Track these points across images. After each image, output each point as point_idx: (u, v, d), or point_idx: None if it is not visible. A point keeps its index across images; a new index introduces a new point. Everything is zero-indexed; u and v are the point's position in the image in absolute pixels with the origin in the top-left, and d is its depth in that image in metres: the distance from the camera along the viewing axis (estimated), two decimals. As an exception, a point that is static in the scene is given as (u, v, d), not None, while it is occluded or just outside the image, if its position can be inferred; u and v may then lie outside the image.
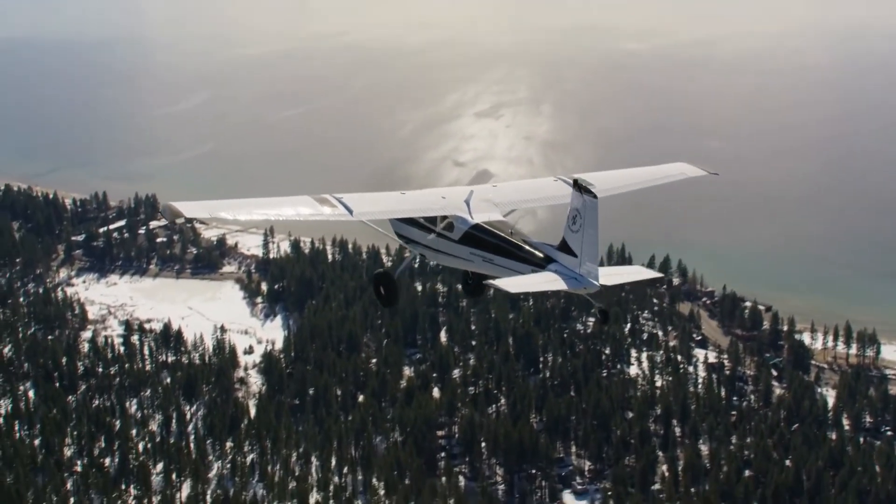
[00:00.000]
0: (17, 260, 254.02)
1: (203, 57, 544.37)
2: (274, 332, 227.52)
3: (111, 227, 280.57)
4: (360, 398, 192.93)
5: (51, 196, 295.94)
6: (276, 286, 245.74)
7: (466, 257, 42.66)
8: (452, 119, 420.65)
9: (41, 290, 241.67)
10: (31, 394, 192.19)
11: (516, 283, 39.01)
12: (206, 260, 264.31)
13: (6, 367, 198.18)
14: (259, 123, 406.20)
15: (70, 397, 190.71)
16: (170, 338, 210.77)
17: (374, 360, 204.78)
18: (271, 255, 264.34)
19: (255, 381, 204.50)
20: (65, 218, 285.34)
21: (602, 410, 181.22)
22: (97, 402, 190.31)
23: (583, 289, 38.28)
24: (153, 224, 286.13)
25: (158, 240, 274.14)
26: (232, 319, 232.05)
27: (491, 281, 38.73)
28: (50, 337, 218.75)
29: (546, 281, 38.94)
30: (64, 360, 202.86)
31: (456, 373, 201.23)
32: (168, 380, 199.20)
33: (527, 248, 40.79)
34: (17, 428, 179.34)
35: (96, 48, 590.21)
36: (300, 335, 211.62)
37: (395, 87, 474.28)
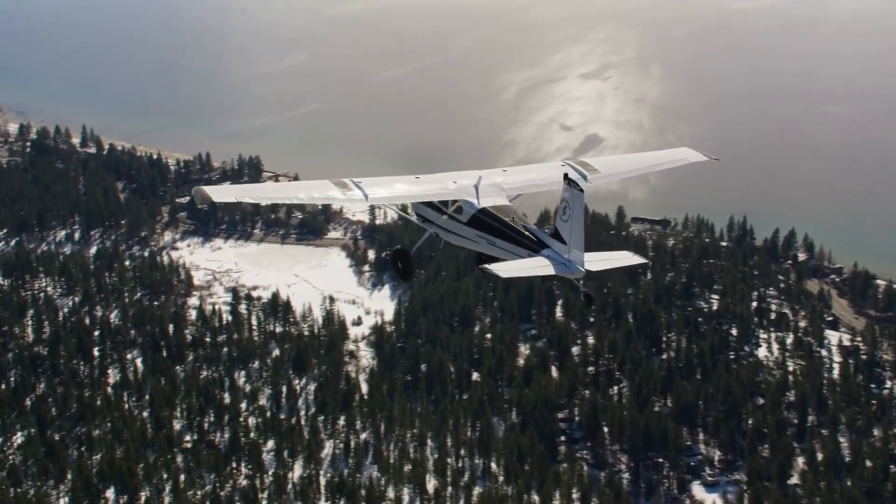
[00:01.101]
0: (122, 222, 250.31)
1: (303, 14, 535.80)
2: (382, 303, 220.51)
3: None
4: (475, 376, 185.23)
5: (154, 156, 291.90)
6: (383, 254, 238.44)
7: (473, 239, 44.81)
8: (558, 80, 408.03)
9: (146, 254, 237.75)
10: (138, 362, 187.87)
11: (508, 268, 41.41)
12: (312, 225, 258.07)
13: (114, 335, 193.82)
14: (363, 82, 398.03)
15: (178, 367, 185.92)
16: (278, 307, 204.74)
17: (488, 336, 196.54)
18: (378, 222, 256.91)
19: (365, 355, 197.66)
20: (168, 179, 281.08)
21: (733, 396, 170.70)
22: (205, 373, 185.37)
23: (570, 274, 40.94)
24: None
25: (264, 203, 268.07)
26: (338, 288, 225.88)
27: (485, 266, 40.80)
28: (156, 303, 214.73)
29: (537, 266, 41.29)
30: (171, 328, 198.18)
31: (575, 351, 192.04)
32: (276, 351, 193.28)
33: (525, 233, 43.09)
34: (125, 399, 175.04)
35: (197, 4, 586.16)
36: (411, 308, 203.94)
37: (498, 46, 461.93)
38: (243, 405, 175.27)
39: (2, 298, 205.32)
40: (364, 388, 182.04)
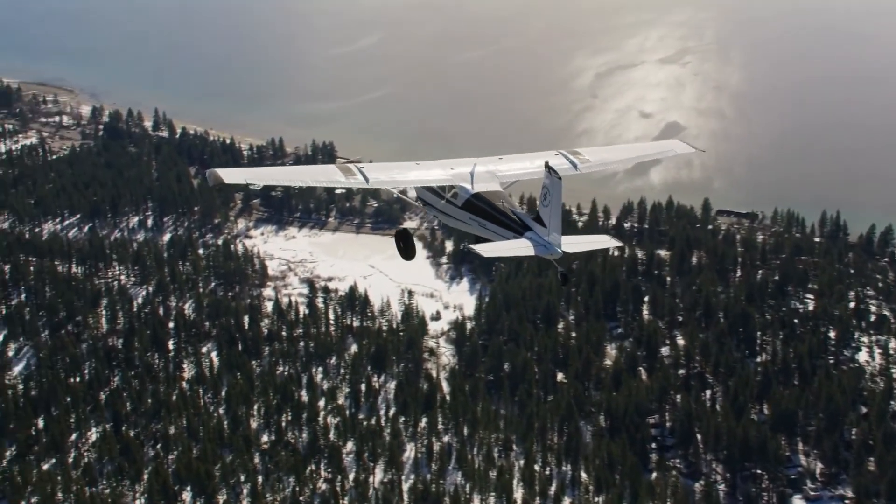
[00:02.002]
0: (196, 209, 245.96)
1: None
2: (461, 297, 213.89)
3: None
4: (560, 377, 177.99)
5: (227, 141, 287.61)
6: (461, 246, 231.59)
7: (467, 221, 47.06)
8: (635, 66, 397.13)
9: (220, 243, 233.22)
10: (213, 356, 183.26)
11: (491, 249, 43.58)
12: (387, 214, 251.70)
13: (189, 328, 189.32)
14: (437, 66, 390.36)
15: (254, 363, 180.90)
16: (355, 301, 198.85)
17: (572, 335, 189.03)
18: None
19: (445, 352, 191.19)
20: (242, 164, 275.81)
21: (834, 405, 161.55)
22: (281, 369, 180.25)
23: (549, 254, 42.97)
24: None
25: (338, 191, 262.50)
26: (415, 281, 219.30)
27: (470, 246, 44.01)
28: (230, 294, 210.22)
29: (518, 247, 43.62)
30: (246, 320, 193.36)
31: (664, 351, 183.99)
32: (354, 347, 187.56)
33: (512, 217, 45.01)
34: (201, 395, 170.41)
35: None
36: (492, 303, 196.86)
37: (573, 30, 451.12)
38: (321, 403, 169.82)
39: (76, 287, 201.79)
40: (445, 387, 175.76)
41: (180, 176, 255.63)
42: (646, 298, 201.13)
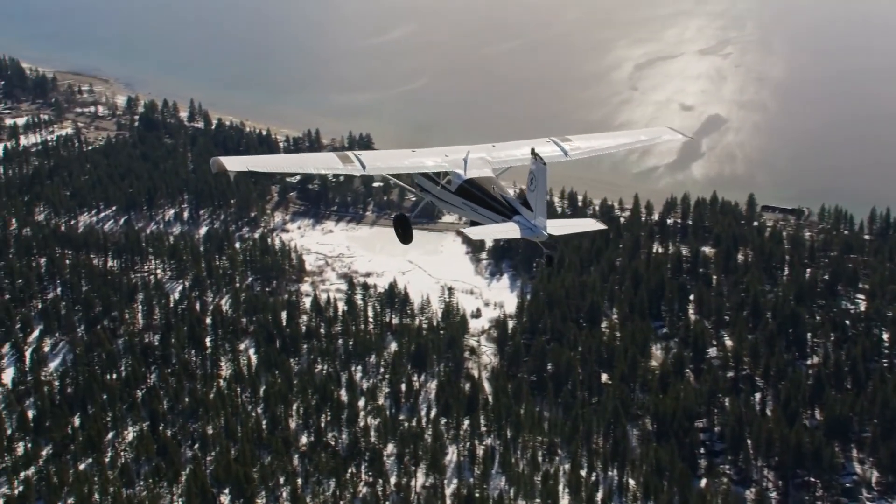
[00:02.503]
0: (232, 202, 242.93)
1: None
2: (501, 294, 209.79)
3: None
4: (605, 378, 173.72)
5: (263, 132, 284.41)
6: (500, 242, 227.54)
7: (460, 206, 48.51)
8: (675, 57, 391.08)
9: (256, 237, 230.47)
10: (251, 353, 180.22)
11: (479, 232, 46.27)
12: (426, 208, 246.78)
13: (226, 325, 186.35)
14: (473, 57, 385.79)
15: (292, 361, 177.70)
16: (395, 298, 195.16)
17: (617, 335, 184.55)
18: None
19: (486, 351, 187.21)
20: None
21: (891, 411, 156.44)
22: (320, 367, 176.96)
23: (535, 237, 44.28)
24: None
25: (375, 184, 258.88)
26: (455, 277, 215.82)
27: (460, 229, 48.07)
28: (267, 289, 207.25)
29: (506, 230, 45.41)
30: (284, 316, 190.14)
31: (711, 352, 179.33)
32: (394, 346, 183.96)
33: (502, 201, 46.23)
34: (239, 394, 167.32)
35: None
36: (535, 302, 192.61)
37: (610, 20, 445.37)
38: (361, 403, 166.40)
39: (111, 281, 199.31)
40: (487, 388, 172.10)
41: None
42: (691, 297, 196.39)
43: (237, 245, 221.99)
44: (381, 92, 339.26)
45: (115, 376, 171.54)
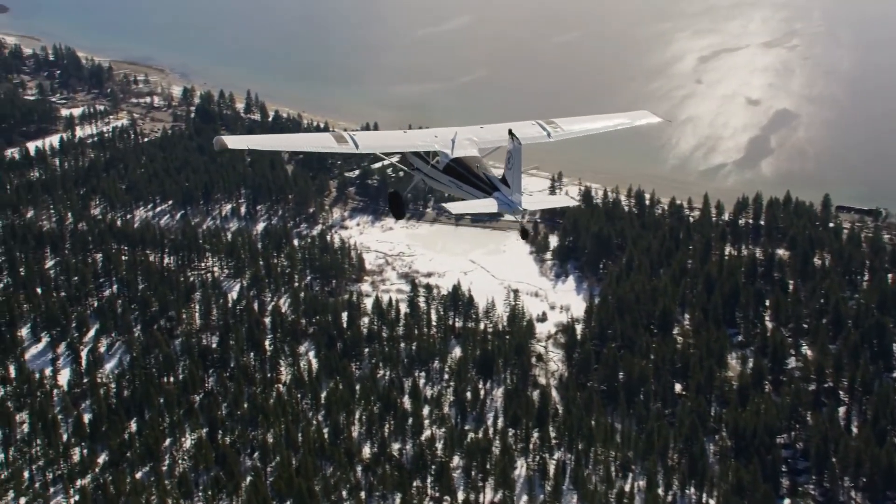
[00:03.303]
0: (290, 197, 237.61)
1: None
2: (567, 297, 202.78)
3: (385, 162, 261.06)
4: (678, 388, 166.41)
5: (322, 125, 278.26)
6: (566, 241, 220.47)
7: (447, 184, 51.10)
8: (739, 49, 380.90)
9: (315, 233, 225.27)
10: (311, 357, 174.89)
11: (460, 207, 48.75)
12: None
13: (286, 327, 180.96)
14: (531, 48, 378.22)
15: (354, 366, 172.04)
16: (458, 300, 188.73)
17: (690, 342, 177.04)
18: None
19: (554, 357, 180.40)
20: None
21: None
22: (382, 372, 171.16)
23: (511, 211, 47.47)
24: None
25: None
26: (519, 278, 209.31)
27: (442, 204, 54.33)
28: (327, 289, 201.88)
29: (485, 205, 48.11)
30: (345, 317, 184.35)
31: (791, 363, 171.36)
32: (458, 350, 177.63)
33: (484, 178, 48.94)
34: (299, 400, 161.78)
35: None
36: (604, 306, 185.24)
37: (670, 11, 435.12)
38: (425, 411, 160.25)
39: (168, 279, 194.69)
40: (555, 396, 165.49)
41: (274, 163, 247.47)
42: (767, 303, 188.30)
43: (295, 242, 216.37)
44: (440, 83, 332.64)
45: (172, 379, 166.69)
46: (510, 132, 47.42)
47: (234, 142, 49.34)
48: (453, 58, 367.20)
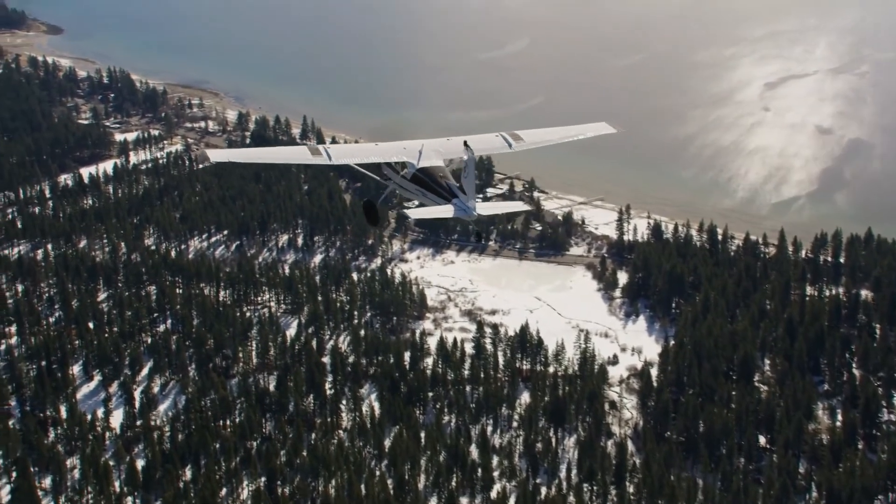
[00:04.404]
0: (348, 227, 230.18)
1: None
2: (639, 338, 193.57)
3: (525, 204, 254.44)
4: (763, 441, 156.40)
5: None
6: (636, 277, 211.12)
7: (414, 192, 54.66)
8: (806, 75, 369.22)
9: (374, 266, 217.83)
10: (373, 399, 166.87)
11: (419, 213, 52.68)
12: (551, 239, 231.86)
13: (346, 367, 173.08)
14: (590, 73, 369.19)
15: (418, 411, 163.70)
16: (526, 342, 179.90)
17: (769, 389, 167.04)
18: (626, 237, 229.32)
19: (627, 403, 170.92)
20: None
21: None
22: (447, 417, 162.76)
23: (466, 216, 51.30)
24: (490, 192, 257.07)
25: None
26: (586, 317, 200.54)
27: (404, 210, 53.62)
28: (388, 325, 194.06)
29: (442, 211, 51.77)
30: (407, 357, 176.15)
31: (884, 416, 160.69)
32: (526, 396, 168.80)
33: (445, 186, 52.59)
34: (361, 447, 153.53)
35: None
36: (681, 351, 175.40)
37: (733, 35, 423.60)
38: (494, 461, 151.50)
39: (224, 314, 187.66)
40: (630, 447, 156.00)
41: (332, 192, 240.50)
42: (853, 348, 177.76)
43: (355, 276, 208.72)
44: (498, 109, 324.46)
45: (228, 422, 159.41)
46: (465, 143, 53.63)
47: (216, 155, 54.30)
48: (512, 82, 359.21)
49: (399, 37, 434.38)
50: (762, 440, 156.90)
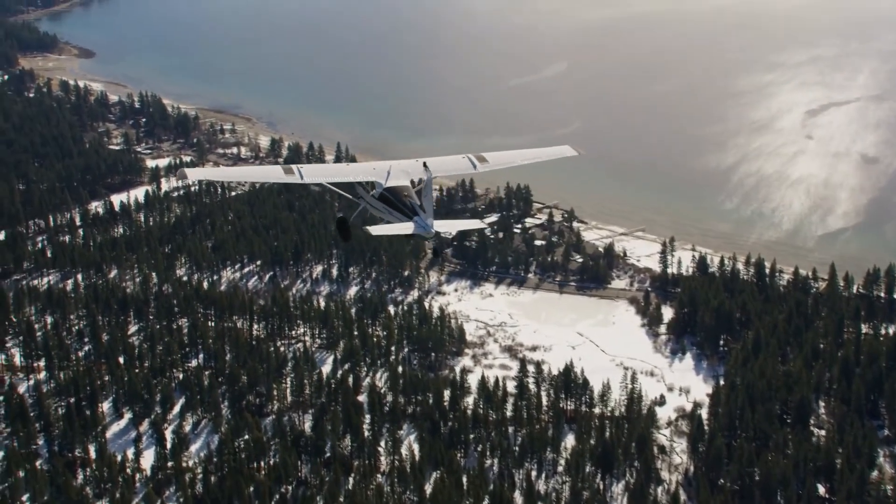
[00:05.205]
0: (384, 259, 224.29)
1: (560, 19, 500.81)
2: (685, 377, 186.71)
3: (483, 223, 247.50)
4: (822, 491, 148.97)
5: (414, 182, 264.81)
6: (682, 313, 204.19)
7: (382, 210, 56.90)
8: (848, 102, 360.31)
9: (411, 299, 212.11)
10: (412, 441, 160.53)
11: (379, 230, 54.92)
12: (593, 271, 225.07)
13: (384, 406, 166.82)
14: (625, 100, 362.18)
15: (459, 454, 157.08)
16: (571, 382, 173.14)
17: (827, 435, 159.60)
18: (669, 270, 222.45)
19: (676, 447, 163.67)
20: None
21: None
22: (490, 461, 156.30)
23: (424, 232, 53.51)
24: (529, 222, 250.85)
25: (537, 242, 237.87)
26: (631, 354, 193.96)
27: (366, 227, 54.46)
28: (426, 362, 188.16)
29: (401, 228, 54.37)
30: (447, 396, 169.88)
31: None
32: (571, 438, 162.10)
33: (408, 205, 55.15)
34: (401, 492, 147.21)
35: (442, 1, 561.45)
36: (733, 393, 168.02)
37: (771, 61, 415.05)
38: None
39: (257, 349, 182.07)
40: (682, 494, 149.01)
41: (367, 222, 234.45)
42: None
43: (391, 310, 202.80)
44: (535, 135, 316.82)
45: (262, 464, 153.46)
46: (424, 164, 55.62)
47: (193, 174, 60.25)
48: (546, 108, 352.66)
49: (435, 64, 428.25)
50: (821, 489, 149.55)
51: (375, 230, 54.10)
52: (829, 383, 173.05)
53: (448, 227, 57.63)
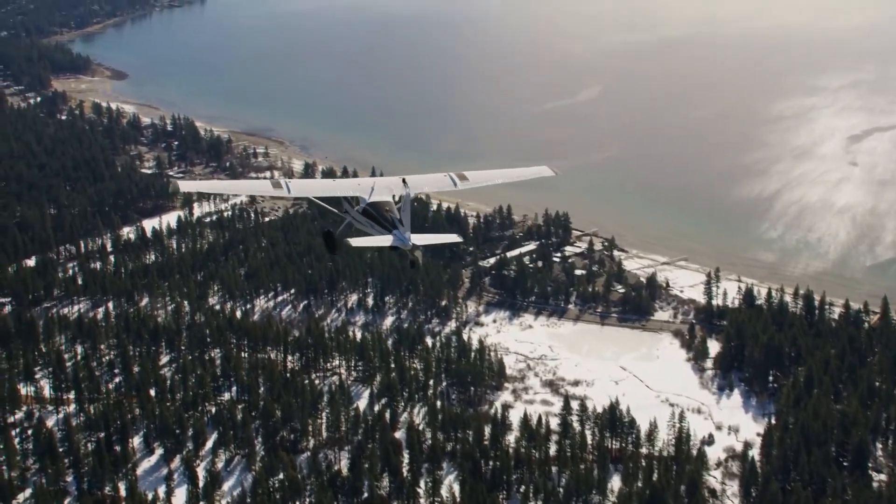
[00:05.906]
0: (421, 288, 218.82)
1: (594, 42, 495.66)
2: (734, 415, 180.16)
3: (522, 250, 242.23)
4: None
5: (452, 209, 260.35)
6: (729, 347, 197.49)
7: (365, 224, 58.00)
8: (890, 127, 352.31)
9: (448, 331, 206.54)
10: (452, 481, 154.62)
11: (359, 242, 56.32)
12: (635, 302, 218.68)
13: (423, 444, 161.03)
14: (662, 125, 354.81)
15: (502, 496, 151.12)
16: (616, 421, 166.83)
17: (889, 479, 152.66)
18: (715, 302, 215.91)
19: (727, 489, 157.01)
20: (468, 236, 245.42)
21: None
22: (533, 503, 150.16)
23: (402, 245, 54.75)
24: (568, 250, 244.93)
25: (577, 272, 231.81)
26: (676, 389, 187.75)
27: (347, 239, 55.40)
28: (463, 396, 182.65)
29: (380, 240, 55.95)
30: (487, 434, 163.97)
31: None
32: (617, 480, 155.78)
33: (389, 219, 56.42)
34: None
35: (474, 25, 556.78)
36: (786, 434, 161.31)
37: (813, 85, 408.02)
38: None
39: (292, 383, 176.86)
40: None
41: (403, 251, 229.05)
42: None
43: (429, 341, 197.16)
44: (572, 160, 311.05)
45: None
46: (403, 180, 57.52)
47: (186, 186, 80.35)
48: (582, 133, 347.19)
49: (468, 87, 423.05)
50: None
51: (356, 242, 55.53)
52: (886, 424, 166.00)
53: (425, 241, 57.69)
